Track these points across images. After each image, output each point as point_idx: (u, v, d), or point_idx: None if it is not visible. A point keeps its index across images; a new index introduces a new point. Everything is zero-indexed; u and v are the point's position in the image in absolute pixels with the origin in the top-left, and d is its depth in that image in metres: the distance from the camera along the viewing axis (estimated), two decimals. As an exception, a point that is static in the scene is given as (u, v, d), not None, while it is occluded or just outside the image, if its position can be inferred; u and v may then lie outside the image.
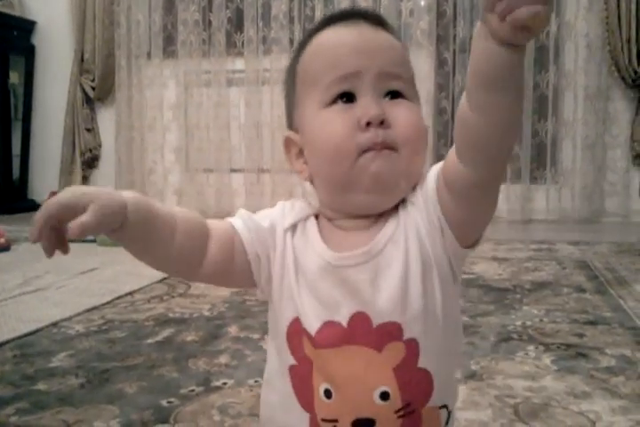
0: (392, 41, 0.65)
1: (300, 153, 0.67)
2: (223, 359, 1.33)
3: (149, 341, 1.47)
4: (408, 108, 0.63)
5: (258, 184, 3.54)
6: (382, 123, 0.60)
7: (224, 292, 1.90)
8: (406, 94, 0.63)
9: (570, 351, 1.37)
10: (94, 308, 1.74)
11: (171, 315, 1.67)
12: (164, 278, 2.08)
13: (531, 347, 1.39)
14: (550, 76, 3.24)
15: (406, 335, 0.61)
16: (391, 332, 0.61)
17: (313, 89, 0.63)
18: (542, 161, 3.18)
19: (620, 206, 3.11)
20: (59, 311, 1.69)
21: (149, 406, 1.11)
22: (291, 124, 0.69)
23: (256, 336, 1.47)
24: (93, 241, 2.74)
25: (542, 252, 2.47)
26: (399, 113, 0.61)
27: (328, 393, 0.61)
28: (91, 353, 1.38)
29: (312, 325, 0.62)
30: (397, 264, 0.61)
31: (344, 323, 0.62)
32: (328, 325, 0.62)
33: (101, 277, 2.11)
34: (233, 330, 1.53)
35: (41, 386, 1.20)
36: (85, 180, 3.85)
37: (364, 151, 0.60)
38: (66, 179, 3.79)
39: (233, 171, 3.60)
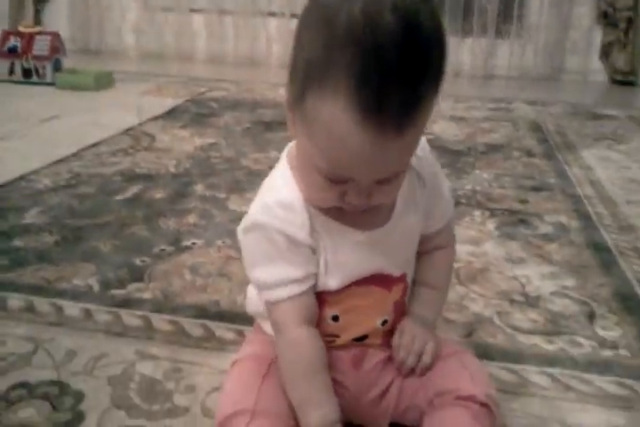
0: (408, 145, 0.59)
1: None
2: (191, 219, 1.40)
3: (118, 197, 1.52)
4: (394, 187, 0.63)
5: (220, 26, 3.42)
6: None
7: (188, 146, 1.94)
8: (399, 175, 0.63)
9: (512, 218, 1.48)
10: (60, 160, 1.77)
11: (137, 170, 1.72)
12: (128, 130, 2.09)
13: (477, 212, 1.50)
14: None
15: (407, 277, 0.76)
16: (403, 278, 0.74)
17: (311, 146, 0.59)
18: (509, 15, 3.12)
19: (580, 65, 3.12)
20: (25, 164, 1.72)
21: (124, 264, 1.19)
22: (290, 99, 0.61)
23: (222, 196, 1.54)
24: (52, 84, 2.69)
25: (499, 111, 2.52)
26: (383, 191, 0.62)
27: (335, 318, 0.72)
28: (62, 209, 1.44)
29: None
30: (410, 230, 0.73)
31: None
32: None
33: (64, 126, 2.11)
34: (199, 188, 1.59)
35: (17, 243, 1.27)
36: (38, 14, 3.65)
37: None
38: (17, 13, 3.58)
39: (193, 11, 3.45)
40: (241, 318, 0.98)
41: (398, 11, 0.51)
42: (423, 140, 0.69)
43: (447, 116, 2.38)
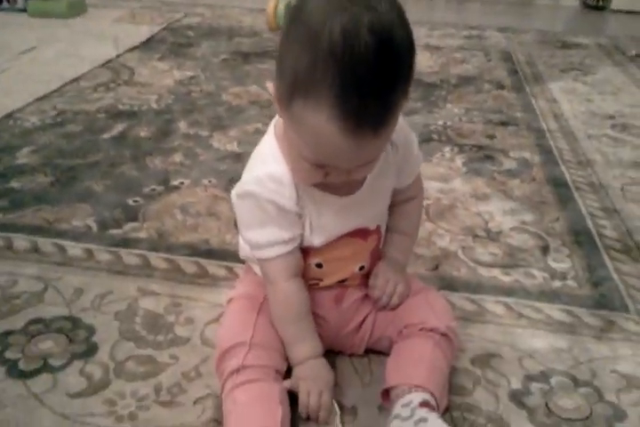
0: (384, 141, 0.65)
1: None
2: (177, 158, 1.48)
3: (105, 136, 1.58)
4: (372, 166, 0.70)
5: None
6: None
7: (168, 80, 1.98)
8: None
9: (480, 153, 1.57)
10: (44, 97, 1.81)
11: (120, 107, 1.77)
12: (107, 62, 2.11)
13: (447, 148, 1.58)
14: None
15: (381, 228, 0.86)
16: (377, 230, 0.84)
17: (298, 139, 0.65)
18: None
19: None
20: (9, 101, 1.76)
21: (118, 204, 1.28)
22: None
23: (205, 134, 1.61)
24: (24, 10, 2.66)
25: (472, 40, 2.56)
26: (362, 170, 0.69)
27: (319, 265, 0.83)
28: (52, 149, 1.50)
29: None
30: (383, 189, 0.82)
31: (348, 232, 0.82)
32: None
33: (43, 59, 2.13)
34: (182, 126, 1.65)
35: (14, 184, 1.34)
36: None
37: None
38: None
39: None
40: (230, 255, 1.08)
41: (374, 30, 0.56)
42: None
43: (422, 45, 2.41)
